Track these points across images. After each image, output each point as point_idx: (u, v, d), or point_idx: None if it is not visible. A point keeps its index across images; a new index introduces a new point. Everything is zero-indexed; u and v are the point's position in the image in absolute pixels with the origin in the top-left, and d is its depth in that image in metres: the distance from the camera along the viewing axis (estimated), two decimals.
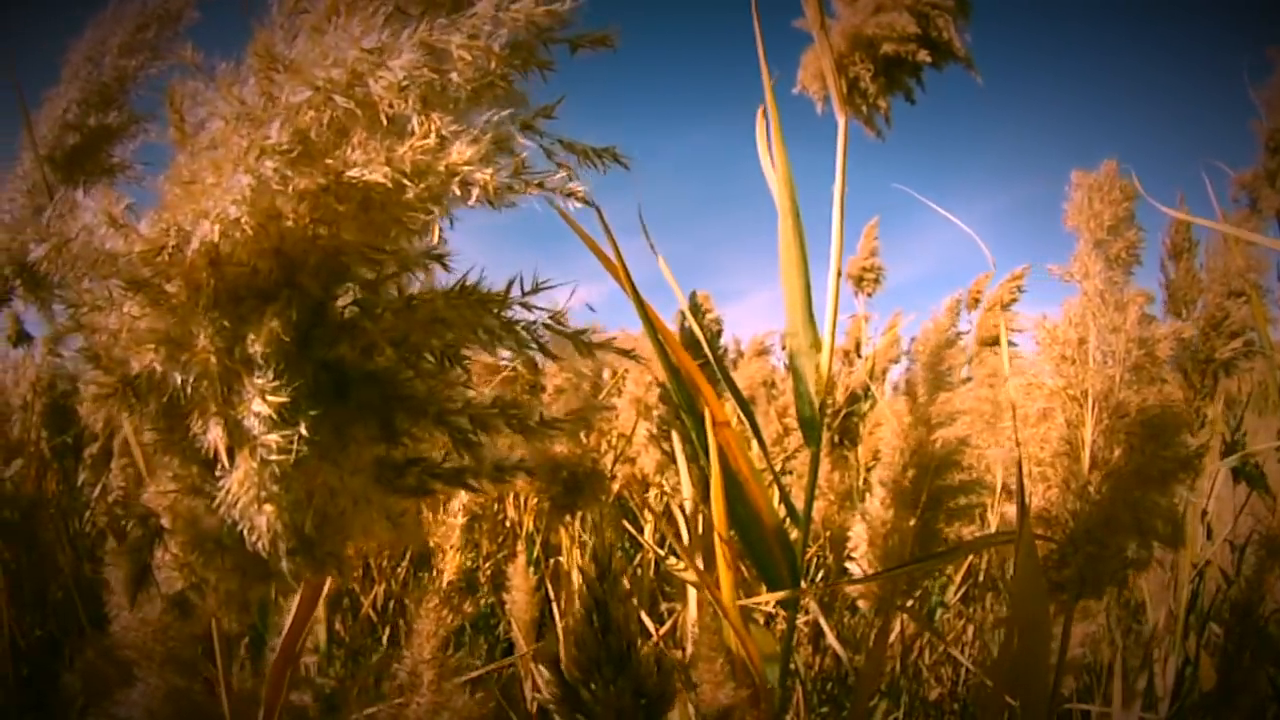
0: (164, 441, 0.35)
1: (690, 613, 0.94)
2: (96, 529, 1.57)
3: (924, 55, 0.84)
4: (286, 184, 0.28)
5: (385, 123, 0.29)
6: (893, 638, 1.23)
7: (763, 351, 1.89)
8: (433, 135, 0.28)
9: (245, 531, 0.26)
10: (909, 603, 0.92)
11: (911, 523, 0.88)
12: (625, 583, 0.47)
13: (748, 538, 0.71)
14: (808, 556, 1.40)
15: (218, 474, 0.28)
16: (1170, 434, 0.79)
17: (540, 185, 0.29)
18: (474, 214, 0.32)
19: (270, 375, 0.28)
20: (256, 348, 0.29)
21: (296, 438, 0.27)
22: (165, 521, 0.38)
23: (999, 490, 0.92)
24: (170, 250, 0.31)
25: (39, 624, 1.59)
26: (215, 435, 0.27)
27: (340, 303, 0.34)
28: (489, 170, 0.29)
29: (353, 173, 0.29)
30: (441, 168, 0.29)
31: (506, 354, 0.36)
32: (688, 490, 0.95)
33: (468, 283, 0.32)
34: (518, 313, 0.33)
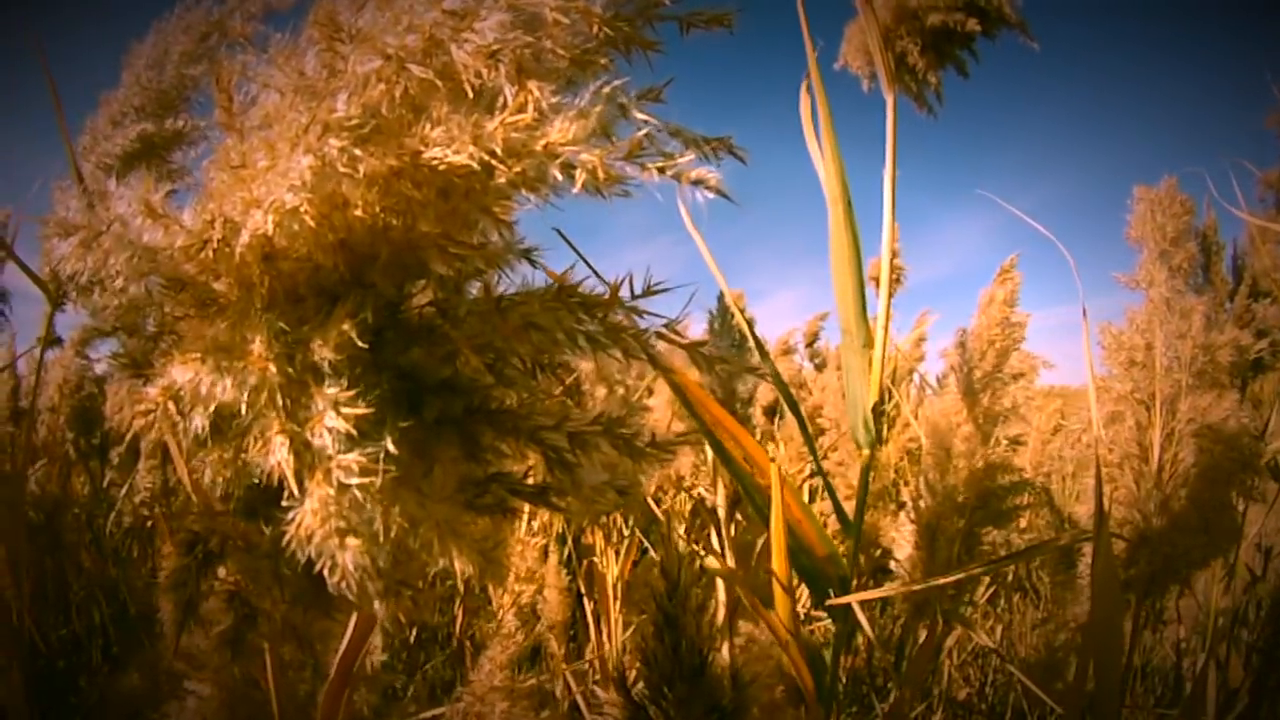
0: (213, 460, 0.31)
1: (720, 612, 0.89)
2: (122, 530, 1.53)
3: (973, 23, 0.78)
4: (355, 166, 0.23)
5: (470, 96, 0.25)
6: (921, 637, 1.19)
7: (787, 351, 1.83)
8: (530, 109, 0.24)
9: (325, 570, 0.21)
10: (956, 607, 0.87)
11: (959, 525, 0.83)
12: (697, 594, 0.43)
13: (799, 563, 0.67)
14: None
15: (285, 501, 0.23)
16: (1235, 437, 0.75)
17: (661, 170, 0.24)
18: None
19: (343, 385, 0.23)
20: (326, 354, 0.24)
21: (381, 457, 0.22)
22: (214, 546, 0.33)
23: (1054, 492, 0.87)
24: (216, 244, 0.26)
25: (62, 624, 1.55)
26: (280, 456, 0.23)
27: (415, 303, 0.29)
28: (597, 151, 0.24)
29: (433, 153, 0.24)
30: (540, 147, 0.24)
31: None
32: (721, 496, 0.90)
33: (567, 283, 0.28)
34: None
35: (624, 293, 0.27)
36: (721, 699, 0.42)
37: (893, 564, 0.85)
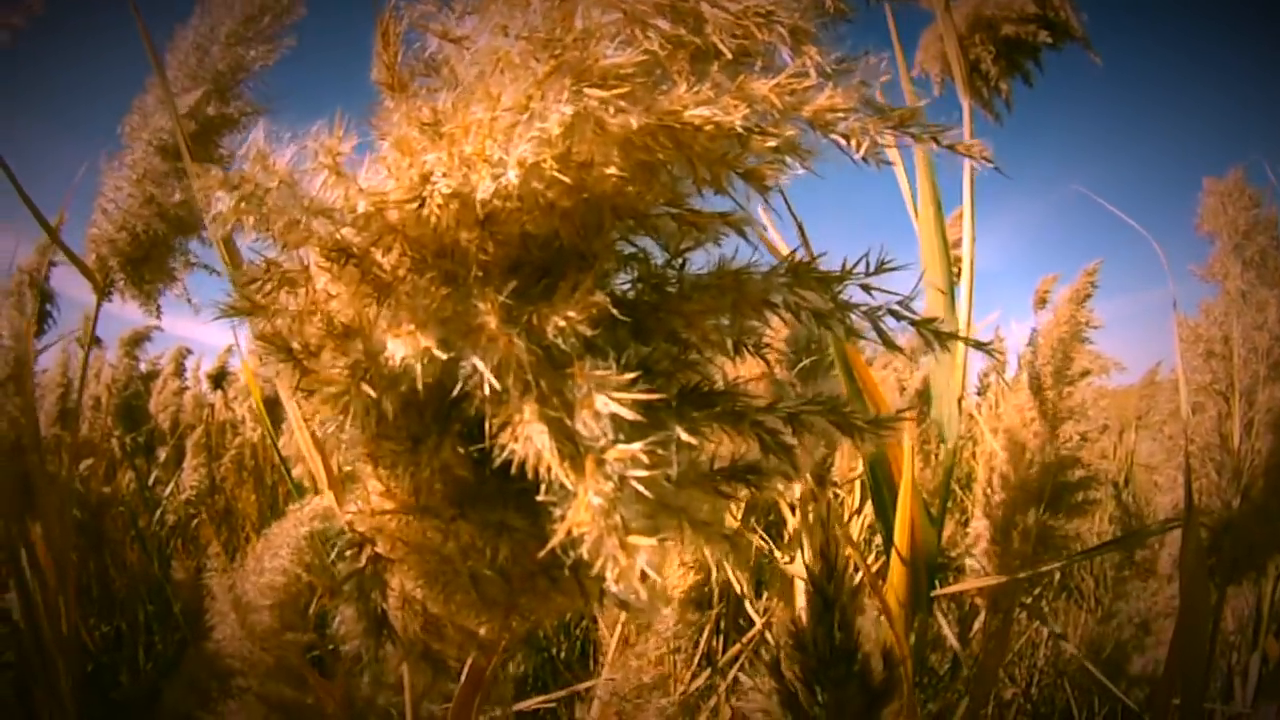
0: (386, 452, 0.28)
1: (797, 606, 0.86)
2: (166, 527, 1.49)
3: (1044, 36, 0.78)
4: (622, 120, 0.21)
5: (729, 57, 0.22)
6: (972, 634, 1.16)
7: None
8: (811, 72, 0.21)
9: (607, 572, 0.18)
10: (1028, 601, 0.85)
11: (1032, 519, 0.81)
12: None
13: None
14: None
15: (541, 496, 0.20)
16: None
17: (935, 140, 0.22)
18: None
19: (610, 364, 0.21)
20: (583, 329, 0.21)
21: (665, 444, 0.19)
22: (382, 548, 0.30)
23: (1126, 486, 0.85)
24: (440, 204, 0.23)
25: (105, 621, 1.52)
26: (540, 445, 0.20)
27: (623, 277, 0.27)
28: (869, 119, 0.21)
29: (697, 112, 0.21)
30: (809, 112, 0.22)
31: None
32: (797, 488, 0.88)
33: (798, 258, 0.25)
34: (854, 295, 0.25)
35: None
36: (874, 680, 0.39)
37: (969, 560, 0.82)
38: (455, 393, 0.24)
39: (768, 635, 0.88)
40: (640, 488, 0.19)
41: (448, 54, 0.28)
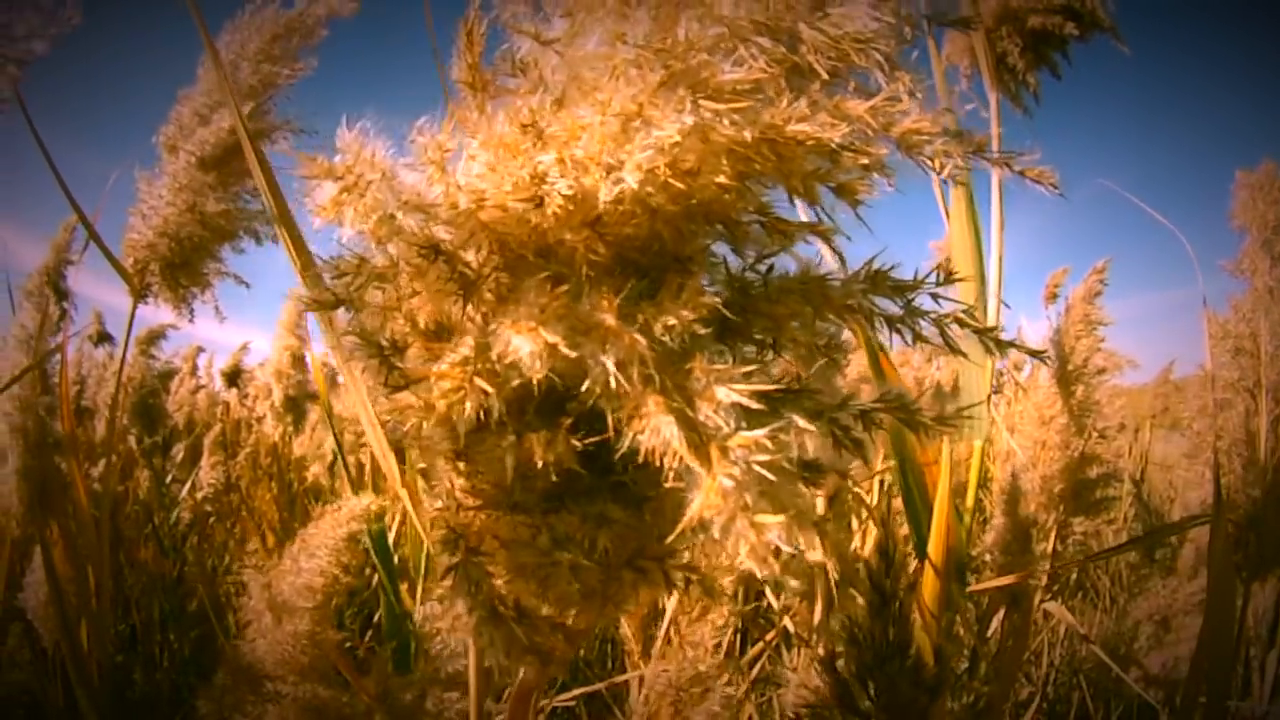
0: (490, 447, 0.30)
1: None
2: (182, 526, 1.52)
3: (1071, 27, 0.79)
4: (738, 132, 0.23)
5: (825, 78, 0.24)
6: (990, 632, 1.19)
7: None
8: (903, 97, 0.23)
9: (745, 552, 0.21)
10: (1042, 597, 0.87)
11: (1053, 516, 0.83)
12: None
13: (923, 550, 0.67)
14: None
15: (668, 482, 0.22)
16: None
17: (1008, 165, 0.24)
18: None
19: (725, 359, 0.23)
20: (697, 328, 0.23)
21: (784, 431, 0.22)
22: (474, 543, 0.32)
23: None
24: (559, 204, 0.25)
25: (120, 619, 1.54)
26: (668, 435, 0.22)
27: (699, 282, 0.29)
28: (950, 142, 0.24)
29: (799, 128, 0.24)
30: (896, 133, 0.24)
31: None
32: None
33: (874, 267, 0.28)
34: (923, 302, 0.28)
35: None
36: (926, 674, 0.42)
37: (988, 555, 0.84)
38: (571, 390, 0.26)
39: (789, 630, 0.90)
40: (765, 472, 0.21)
41: (535, 55, 0.30)
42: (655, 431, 0.22)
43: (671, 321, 0.24)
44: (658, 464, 0.22)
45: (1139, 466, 1.41)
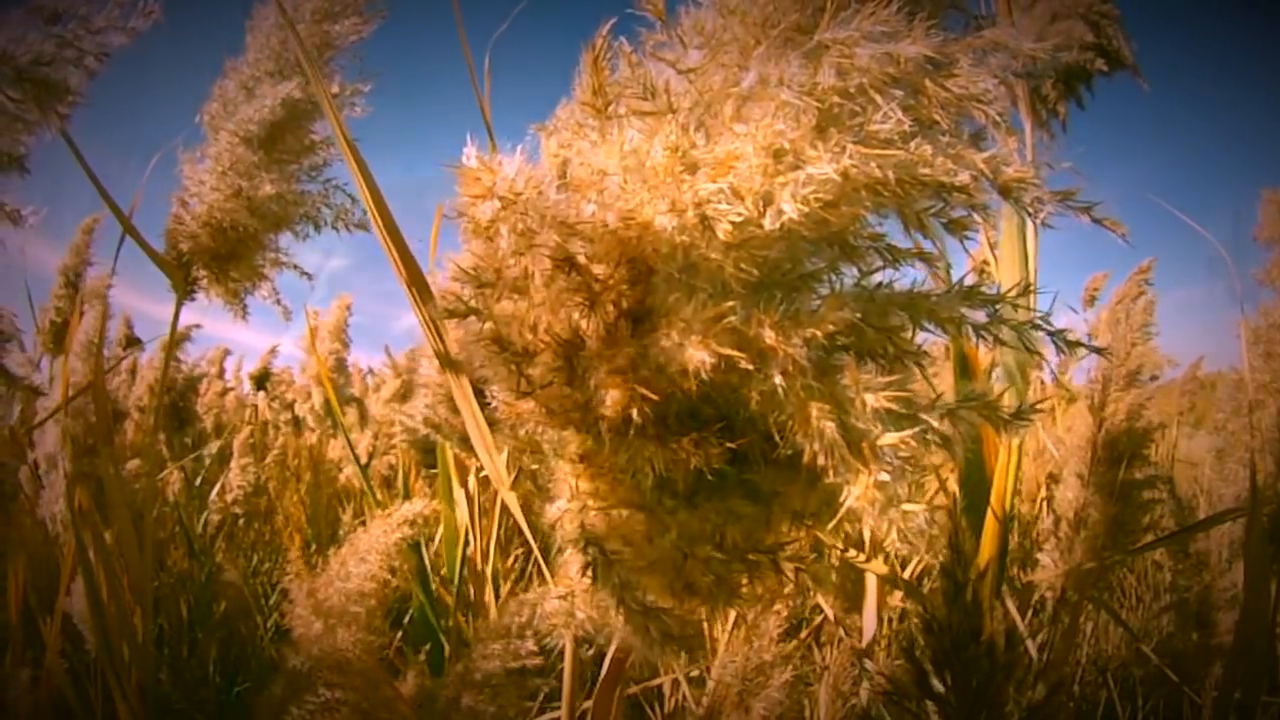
0: (634, 449, 0.33)
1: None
2: (212, 526, 1.56)
3: (1101, 64, 0.86)
4: (882, 173, 0.27)
5: (946, 127, 0.29)
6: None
7: None
8: (1014, 151, 0.28)
9: (894, 534, 0.25)
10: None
11: (1097, 515, 0.88)
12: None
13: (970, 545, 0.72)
14: None
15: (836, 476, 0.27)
16: None
17: (1088, 213, 0.29)
18: None
19: (869, 370, 0.28)
20: (840, 339, 0.28)
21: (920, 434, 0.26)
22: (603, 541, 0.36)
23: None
24: (724, 231, 0.29)
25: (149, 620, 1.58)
26: (830, 437, 0.26)
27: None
28: (1044, 191, 0.28)
29: (928, 170, 0.28)
30: (1001, 180, 0.29)
31: None
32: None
33: (968, 283, 0.32)
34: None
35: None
36: (999, 659, 0.46)
37: (1040, 554, 0.89)
38: (713, 396, 0.30)
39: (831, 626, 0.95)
40: (908, 468, 0.26)
41: (667, 81, 0.33)
42: (819, 435, 0.27)
43: (812, 334, 0.29)
44: (811, 463, 0.27)
45: (1168, 464, 1.46)
